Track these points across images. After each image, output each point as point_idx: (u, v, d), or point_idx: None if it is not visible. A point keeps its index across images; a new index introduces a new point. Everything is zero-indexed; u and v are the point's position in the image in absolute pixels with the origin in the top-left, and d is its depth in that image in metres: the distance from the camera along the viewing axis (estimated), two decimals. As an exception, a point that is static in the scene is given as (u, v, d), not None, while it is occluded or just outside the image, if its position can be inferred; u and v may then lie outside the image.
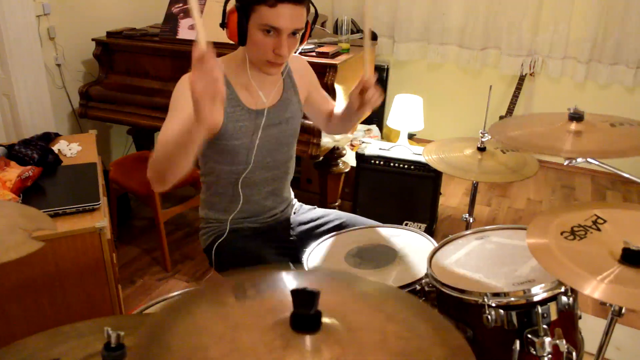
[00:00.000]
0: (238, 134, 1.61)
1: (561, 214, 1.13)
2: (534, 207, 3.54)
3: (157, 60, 3.02)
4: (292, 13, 1.43)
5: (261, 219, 1.79)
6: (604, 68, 3.69)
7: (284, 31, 1.44)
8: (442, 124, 4.30)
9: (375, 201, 3.02)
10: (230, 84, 1.59)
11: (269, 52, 1.47)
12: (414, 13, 4.14)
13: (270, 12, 1.41)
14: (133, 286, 2.65)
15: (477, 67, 4.11)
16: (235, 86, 1.60)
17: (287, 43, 1.47)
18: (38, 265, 1.77)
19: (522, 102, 4.04)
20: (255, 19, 1.44)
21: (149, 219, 3.30)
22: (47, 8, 3.01)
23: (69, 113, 3.30)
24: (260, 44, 1.47)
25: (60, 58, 3.16)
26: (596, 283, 0.92)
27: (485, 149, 1.86)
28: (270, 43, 1.46)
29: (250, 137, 1.63)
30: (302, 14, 1.47)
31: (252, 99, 1.63)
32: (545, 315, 1.13)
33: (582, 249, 1.02)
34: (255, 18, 1.44)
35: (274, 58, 1.48)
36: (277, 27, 1.43)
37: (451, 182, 3.84)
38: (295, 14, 1.44)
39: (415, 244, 1.60)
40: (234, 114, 1.59)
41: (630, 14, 3.49)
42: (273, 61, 1.50)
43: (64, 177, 2.10)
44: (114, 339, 0.85)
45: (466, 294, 1.19)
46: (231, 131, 1.59)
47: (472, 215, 2.01)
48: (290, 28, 1.44)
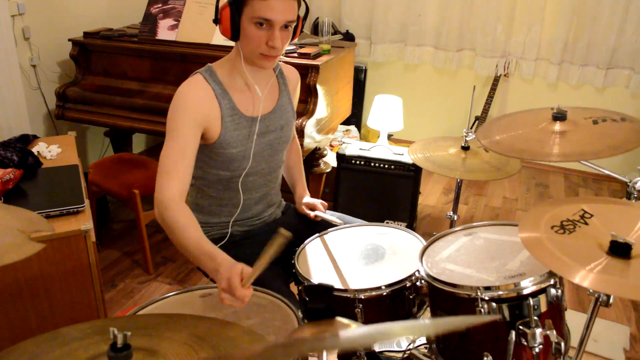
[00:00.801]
0: (235, 143, 1.61)
1: (551, 209, 1.17)
2: (510, 205, 3.62)
3: (136, 61, 2.99)
4: (284, 5, 1.45)
5: (249, 222, 1.79)
6: (575, 69, 3.80)
7: (277, 23, 1.46)
8: (419, 124, 4.37)
9: (356, 201, 3.05)
10: (227, 92, 1.59)
11: (263, 45, 1.49)
12: (390, 15, 4.19)
13: (262, 5, 1.43)
14: (114, 289, 2.62)
15: (453, 68, 4.18)
16: (230, 91, 1.60)
17: (280, 36, 1.48)
18: (22, 269, 1.74)
19: (497, 103, 4.13)
20: (248, 12, 1.45)
21: (128, 222, 3.26)
22: (22, 8, 2.95)
23: (45, 114, 3.24)
24: (253, 37, 1.48)
25: (36, 59, 3.10)
26: (586, 273, 0.96)
27: (469, 148, 1.90)
28: (264, 36, 1.48)
29: (246, 144, 1.64)
30: (294, 6, 1.49)
31: (248, 105, 1.63)
32: (536, 307, 1.17)
33: (571, 242, 1.06)
34: (248, 12, 1.45)
35: (267, 51, 1.50)
36: (269, 19, 1.44)
37: (429, 181, 3.90)
38: (287, 6, 1.46)
39: (403, 242, 1.63)
40: (232, 123, 1.58)
41: (599, 18, 3.61)
42: (267, 54, 1.51)
43: (46, 179, 2.06)
44: (121, 340, 0.85)
45: (459, 289, 1.22)
46: (229, 140, 1.59)
47: (457, 213, 2.05)
48: (283, 20, 1.46)
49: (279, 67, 1.74)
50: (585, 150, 1.30)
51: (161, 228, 3.27)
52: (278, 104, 1.70)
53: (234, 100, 1.60)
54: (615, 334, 2.38)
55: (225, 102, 1.57)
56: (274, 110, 1.69)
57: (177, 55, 2.86)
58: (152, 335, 0.98)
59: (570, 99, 3.94)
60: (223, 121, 1.57)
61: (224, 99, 1.58)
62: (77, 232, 1.77)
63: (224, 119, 1.57)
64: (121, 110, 2.96)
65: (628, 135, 1.27)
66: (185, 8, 2.91)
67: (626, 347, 2.29)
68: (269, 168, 1.73)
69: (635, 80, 3.67)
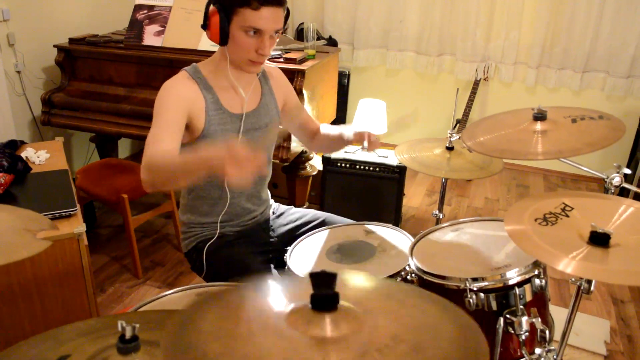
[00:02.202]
0: (221, 138, 1.64)
1: (533, 203, 1.23)
2: (492, 205, 3.71)
3: (122, 67, 3.01)
4: (274, 15, 1.49)
5: (242, 221, 1.83)
6: (552, 73, 3.91)
7: (266, 32, 1.50)
8: (402, 128, 4.44)
9: (342, 203, 3.10)
10: (212, 88, 1.63)
11: (252, 52, 1.53)
12: (372, 21, 4.27)
13: (253, 15, 1.47)
14: (104, 294, 2.63)
15: (434, 73, 4.26)
16: (216, 89, 1.64)
17: (268, 43, 1.53)
18: (15, 272, 1.75)
19: (477, 106, 4.22)
20: (238, 21, 1.49)
21: (115, 227, 3.27)
22: (7, 14, 2.95)
23: (30, 120, 3.23)
24: (242, 44, 1.52)
25: (20, 65, 3.10)
26: (568, 260, 1.02)
27: (454, 148, 1.97)
28: (253, 43, 1.52)
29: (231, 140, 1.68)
30: (282, 15, 1.54)
31: (232, 102, 1.68)
32: (522, 296, 1.23)
33: (554, 233, 1.12)
34: (238, 20, 1.49)
35: (256, 57, 1.54)
36: (260, 29, 1.49)
37: (412, 183, 3.97)
38: (277, 16, 1.51)
39: (391, 239, 1.68)
40: (216, 117, 1.62)
41: (575, 23, 3.72)
42: (255, 60, 1.55)
43: (36, 184, 2.08)
44: (129, 331, 0.88)
45: (448, 280, 1.28)
46: (213, 134, 1.63)
47: (442, 211, 2.11)
48: (272, 29, 1.51)
49: (261, 68, 1.78)
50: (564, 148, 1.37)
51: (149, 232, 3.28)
52: (261, 103, 1.74)
53: (218, 96, 1.64)
54: (596, 327, 2.46)
55: (209, 96, 1.62)
56: (257, 109, 1.73)
57: (163, 61, 2.89)
58: (155, 329, 1.01)
59: (548, 102, 4.05)
60: (207, 114, 1.60)
61: (209, 93, 1.62)
62: (71, 235, 1.79)
63: (209, 112, 1.61)
64: (108, 115, 2.97)
65: (605, 132, 1.35)
66: (171, 14, 2.94)
67: (607, 340, 2.37)
68: None
69: (609, 83, 3.79)
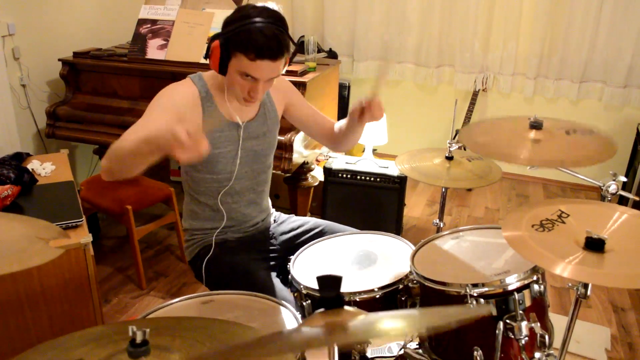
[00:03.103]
0: (217, 143, 1.68)
1: (530, 210, 1.26)
2: (492, 215, 3.74)
3: (125, 80, 3.05)
4: (270, 67, 1.51)
5: (244, 228, 1.86)
6: (550, 83, 3.96)
7: (261, 80, 1.53)
8: (402, 138, 4.48)
9: (343, 213, 3.13)
10: (212, 97, 1.67)
11: (245, 92, 1.57)
12: (371, 33, 4.32)
13: (249, 64, 1.49)
14: (108, 304, 2.65)
15: (433, 84, 4.31)
16: (216, 98, 1.68)
17: (263, 87, 1.56)
18: (22, 282, 1.78)
19: (477, 116, 4.27)
20: (235, 63, 1.52)
21: (118, 238, 3.29)
22: (12, 28, 3.00)
23: (34, 133, 3.27)
24: (237, 84, 1.56)
25: (26, 78, 3.15)
26: (565, 265, 1.05)
27: (453, 158, 2.00)
28: (247, 86, 1.55)
29: (229, 147, 1.71)
30: (280, 65, 1.55)
31: (231, 112, 1.72)
32: (521, 302, 1.25)
33: (551, 238, 1.15)
34: (235, 62, 1.52)
35: (248, 97, 1.58)
36: (254, 77, 1.52)
37: (413, 193, 4.00)
38: (274, 67, 1.52)
39: (393, 247, 1.71)
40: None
41: (571, 33, 3.78)
42: (247, 99, 1.59)
43: (42, 195, 2.11)
44: (140, 336, 0.91)
45: (448, 286, 1.31)
46: (210, 140, 1.66)
47: (442, 220, 2.15)
48: (267, 77, 1.54)
49: None
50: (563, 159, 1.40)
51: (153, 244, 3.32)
52: (260, 112, 1.78)
53: (218, 105, 1.68)
54: (596, 335, 2.48)
55: (208, 104, 1.66)
56: (256, 117, 1.76)
57: (166, 74, 2.93)
58: (164, 334, 1.04)
59: (546, 112, 4.10)
60: (204, 120, 1.64)
61: (207, 101, 1.66)
62: (77, 245, 1.82)
63: (205, 119, 1.65)
64: (112, 128, 3.01)
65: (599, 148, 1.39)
66: (174, 28, 2.99)
67: (608, 348, 2.39)
68: (252, 172, 1.80)
69: (607, 93, 3.83)
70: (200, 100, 1.65)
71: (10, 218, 1.10)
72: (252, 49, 1.46)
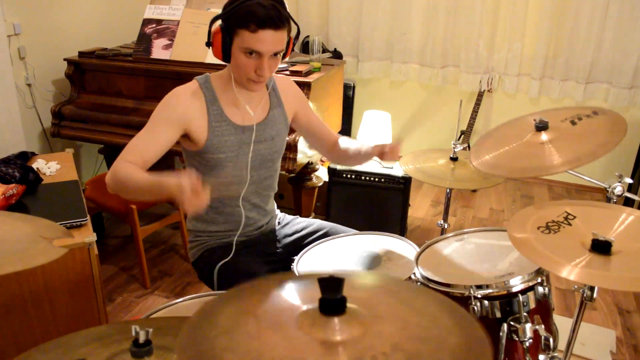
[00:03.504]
0: (223, 148, 1.67)
1: (536, 212, 1.25)
2: (497, 216, 3.72)
3: (130, 80, 3.06)
4: (273, 38, 1.52)
5: (248, 231, 1.85)
6: (556, 84, 3.94)
7: (265, 54, 1.53)
8: (406, 139, 4.47)
9: (347, 214, 3.12)
10: (217, 100, 1.67)
11: (251, 72, 1.57)
12: (376, 33, 4.32)
13: (251, 37, 1.50)
14: (113, 303, 2.65)
15: (438, 84, 4.30)
16: (222, 101, 1.68)
17: (268, 64, 1.56)
18: (26, 281, 1.78)
19: (482, 117, 4.25)
20: (238, 42, 1.53)
21: (123, 238, 3.30)
22: (18, 28, 3.01)
23: (40, 132, 3.28)
24: (242, 64, 1.56)
25: (31, 78, 3.15)
26: (571, 268, 1.05)
27: (457, 159, 2.00)
28: (252, 64, 1.55)
29: (236, 151, 1.71)
30: (283, 38, 1.56)
31: (239, 115, 1.71)
32: (525, 303, 1.25)
33: (557, 241, 1.14)
34: (238, 41, 1.53)
35: (255, 77, 1.58)
36: (258, 51, 1.52)
37: (418, 194, 4.00)
38: (276, 39, 1.53)
39: (397, 248, 1.70)
40: (219, 129, 1.66)
41: (577, 34, 3.76)
42: (255, 80, 1.59)
43: (47, 194, 2.11)
44: (143, 336, 0.91)
45: (453, 288, 1.30)
46: (216, 145, 1.66)
47: (447, 221, 2.14)
48: (271, 51, 1.54)
49: (272, 81, 1.81)
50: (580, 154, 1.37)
51: (157, 243, 3.32)
52: (269, 115, 1.77)
53: (223, 107, 1.68)
54: (601, 337, 2.46)
55: (214, 109, 1.65)
56: (264, 121, 1.75)
57: (171, 74, 2.93)
58: (167, 334, 1.04)
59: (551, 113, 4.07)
60: (210, 126, 1.64)
61: (213, 105, 1.66)
62: (81, 244, 1.82)
63: (211, 124, 1.64)
64: (117, 127, 3.02)
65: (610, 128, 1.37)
66: (179, 28, 2.99)
67: (613, 350, 2.38)
68: (258, 176, 1.79)
69: (613, 93, 3.81)
70: (206, 105, 1.65)
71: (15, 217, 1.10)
72: (252, 19, 1.48)
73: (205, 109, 1.64)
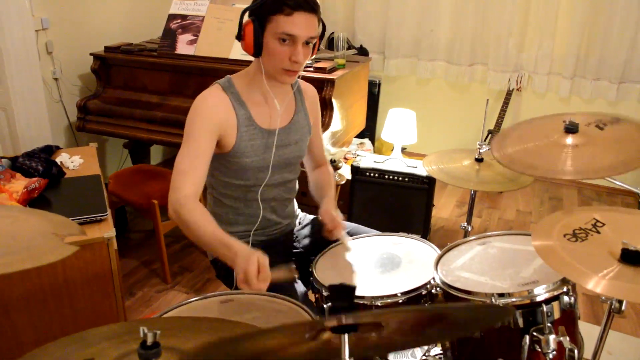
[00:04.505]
0: (249, 153, 1.65)
1: (563, 218, 1.20)
2: (524, 218, 3.64)
3: (155, 75, 3.07)
4: (307, 21, 1.50)
5: (267, 231, 1.83)
6: (587, 83, 3.82)
7: (300, 39, 1.51)
8: (432, 137, 4.40)
9: (370, 213, 3.08)
10: (244, 103, 1.64)
11: (285, 60, 1.54)
12: (404, 30, 4.25)
13: (286, 21, 1.48)
14: (133, 298, 2.67)
15: (465, 82, 4.22)
16: (248, 103, 1.65)
17: (302, 51, 1.53)
18: (46, 274, 1.80)
19: (510, 117, 4.16)
20: (272, 28, 1.51)
21: (146, 232, 3.32)
22: (46, 23, 3.05)
23: (66, 126, 3.32)
24: (276, 52, 1.53)
25: (58, 72, 3.19)
26: (598, 279, 0.99)
27: (483, 160, 1.94)
28: (287, 51, 1.53)
29: (261, 155, 1.68)
30: (315, 23, 1.55)
31: (264, 118, 1.68)
32: (549, 314, 1.19)
33: (584, 249, 1.09)
34: (272, 28, 1.51)
35: (290, 65, 1.55)
36: (293, 34, 1.50)
37: (442, 194, 3.93)
38: (310, 22, 1.51)
39: (418, 251, 1.66)
40: (247, 133, 1.63)
41: (611, 32, 3.64)
42: (289, 69, 1.56)
43: (69, 188, 2.13)
44: (151, 338, 0.89)
45: (473, 295, 1.25)
46: (243, 149, 1.64)
47: (470, 224, 2.08)
48: (306, 36, 1.51)
49: (297, 83, 1.79)
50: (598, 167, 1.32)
51: (179, 238, 3.33)
52: (294, 119, 1.74)
53: (251, 111, 1.65)
54: (629, 346, 2.38)
55: (241, 112, 1.63)
56: (289, 125, 1.73)
57: (195, 69, 2.93)
58: (178, 335, 1.03)
59: (583, 113, 3.96)
60: (239, 130, 1.62)
61: (241, 109, 1.63)
62: (100, 239, 1.83)
63: (240, 128, 1.62)
64: (141, 122, 3.03)
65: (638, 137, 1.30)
66: (203, 23, 2.99)
67: (641, 360, 2.30)
68: (282, 179, 1.77)
69: (647, 94, 3.69)
70: (233, 109, 1.62)
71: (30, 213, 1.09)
72: (287, 2, 1.47)
73: (234, 112, 1.62)
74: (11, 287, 1.77)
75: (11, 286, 1.77)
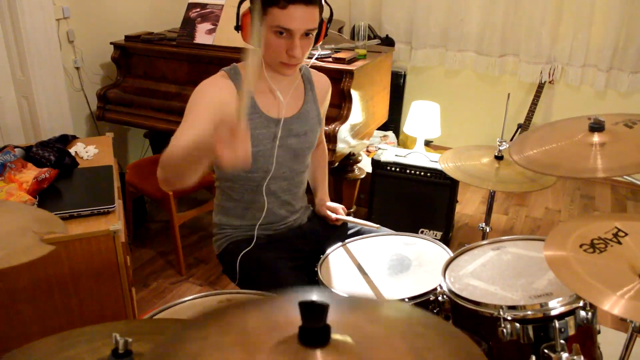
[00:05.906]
0: (255, 142, 1.59)
1: (581, 225, 1.10)
2: (553, 216, 3.49)
3: (174, 64, 3.03)
4: (304, 14, 1.42)
5: (275, 226, 1.78)
6: (625, 76, 3.63)
7: (296, 32, 1.44)
8: (459, 131, 4.27)
9: (391, 208, 3.00)
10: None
11: (282, 54, 1.47)
12: (432, 19, 4.11)
13: (281, 14, 1.41)
14: (147, 289, 2.66)
15: (495, 74, 4.06)
16: (254, 92, 1.59)
17: (301, 44, 1.46)
18: (52, 267, 1.78)
19: (541, 110, 3.99)
20: (268, 21, 1.44)
21: (164, 222, 3.31)
22: (67, 12, 3.04)
23: (87, 115, 3.33)
24: (273, 45, 1.47)
25: (79, 61, 3.19)
26: (616, 299, 0.89)
27: (503, 158, 1.83)
28: (283, 44, 1.46)
29: (268, 144, 1.62)
30: (314, 15, 1.46)
31: (271, 106, 1.62)
32: (563, 330, 1.10)
33: (601, 262, 0.99)
34: (268, 20, 1.44)
35: (287, 59, 1.48)
36: (288, 28, 1.43)
37: (468, 190, 3.80)
38: (307, 15, 1.43)
39: (430, 253, 1.58)
40: (252, 121, 1.58)
41: (653, 22, 3.43)
42: (287, 62, 1.49)
43: (80, 179, 2.11)
44: (122, 345, 0.84)
45: (481, 307, 1.17)
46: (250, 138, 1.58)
47: (489, 225, 1.98)
48: (302, 29, 1.44)
49: (307, 73, 1.72)
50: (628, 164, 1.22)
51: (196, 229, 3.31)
52: (302, 109, 1.68)
53: (256, 99, 1.59)
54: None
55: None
56: (297, 115, 1.67)
57: (214, 59, 2.88)
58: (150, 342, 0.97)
59: (619, 108, 3.77)
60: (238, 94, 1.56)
61: None
62: (106, 232, 1.80)
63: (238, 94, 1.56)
64: (159, 112, 3.01)
65: None
66: (222, 13, 2.93)
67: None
68: (290, 172, 1.70)
69: (690, 88, 3.47)
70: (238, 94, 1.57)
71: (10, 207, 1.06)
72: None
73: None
74: (18, 277, 1.76)
75: (18, 276, 1.76)
